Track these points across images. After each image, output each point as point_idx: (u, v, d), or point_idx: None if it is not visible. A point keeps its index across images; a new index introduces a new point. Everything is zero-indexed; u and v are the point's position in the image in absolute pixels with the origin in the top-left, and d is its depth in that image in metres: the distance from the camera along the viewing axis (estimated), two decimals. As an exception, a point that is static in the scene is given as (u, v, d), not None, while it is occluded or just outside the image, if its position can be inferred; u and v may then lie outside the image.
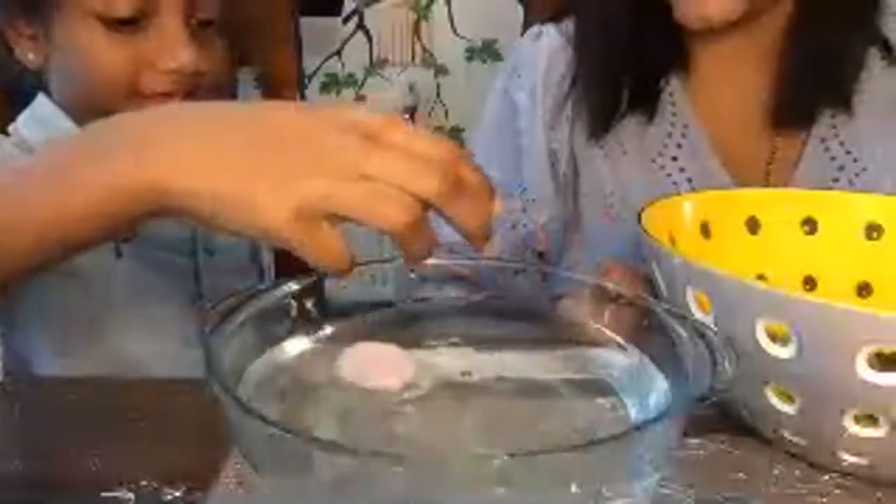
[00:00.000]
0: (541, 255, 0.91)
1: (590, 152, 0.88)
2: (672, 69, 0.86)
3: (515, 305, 0.55)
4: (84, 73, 0.73)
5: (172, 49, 0.72)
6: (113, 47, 0.72)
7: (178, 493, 0.47)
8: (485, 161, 0.88)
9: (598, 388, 0.49)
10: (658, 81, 0.86)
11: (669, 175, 0.85)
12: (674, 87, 0.87)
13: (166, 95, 0.74)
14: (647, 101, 0.86)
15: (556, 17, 0.93)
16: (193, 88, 0.75)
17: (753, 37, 0.83)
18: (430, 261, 0.55)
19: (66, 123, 0.76)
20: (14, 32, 0.75)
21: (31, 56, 0.75)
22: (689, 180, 0.85)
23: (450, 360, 0.51)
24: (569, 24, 0.91)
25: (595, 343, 0.52)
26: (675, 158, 0.85)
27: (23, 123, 0.78)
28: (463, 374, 0.50)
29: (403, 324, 0.53)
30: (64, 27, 0.72)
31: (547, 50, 0.91)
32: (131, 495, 0.47)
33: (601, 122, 0.86)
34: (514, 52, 0.96)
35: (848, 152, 0.83)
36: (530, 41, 0.93)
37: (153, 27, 0.72)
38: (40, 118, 0.77)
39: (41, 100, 0.78)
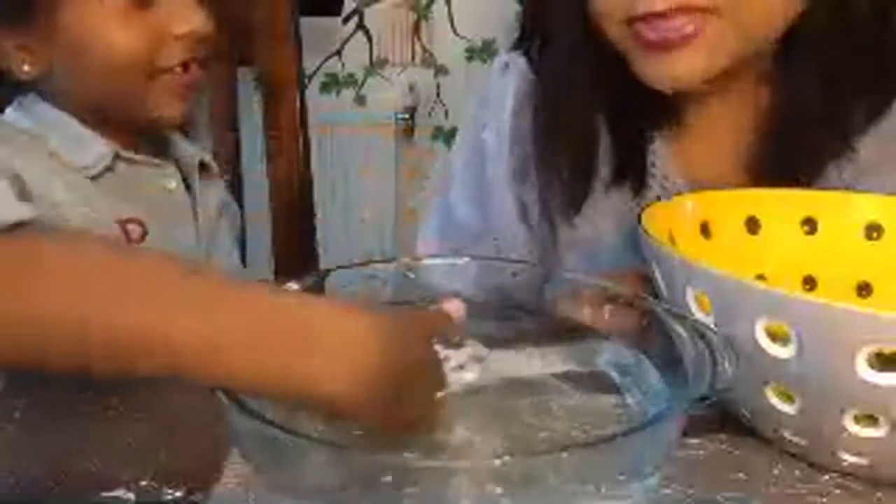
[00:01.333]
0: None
1: (566, 211, 0.79)
2: (658, 130, 0.77)
3: (515, 304, 0.55)
4: (101, 60, 0.73)
5: (184, 15, 0.74)
6: (127, 25, 0.72)
7: (178, 493, 0.47)
8: (457, 195, 0.84)
9: (598, 386, 0.49)
10: (644, 146, 0.77)
11: None
12: (659, 152, 0.78)
13: (184, 68, 0.75)
14: (632, 172, 0.77)
15: (523, 43, 0.83)
16: (205, 57, 0.77)
17: (741, 94, 0.74)
18: (431, 260, 0.55)
19: (74, 124, 0.76)
20: (2, 49, 0.73)
21: (26, 68, 0.74)
22: None
23: (449, 358, 0.51)
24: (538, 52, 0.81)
25: (595, 342, 0.52)
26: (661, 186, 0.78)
27: (12, 114, 0.77)
28: (463, 372, 0.50)
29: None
30: (72, 19, 0.72)
31: (514, 88, 0.82)
32: (131, 495, 0.47)
33: (574, 200, 0.77)
34: (486, 88, 0.86)
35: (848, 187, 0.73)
36: (498, 73, 0.84)
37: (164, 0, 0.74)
38: (36, 115, 0.76)
39: (32, 100, 0.77)
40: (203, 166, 0.86)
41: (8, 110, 0.77)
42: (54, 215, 0.71)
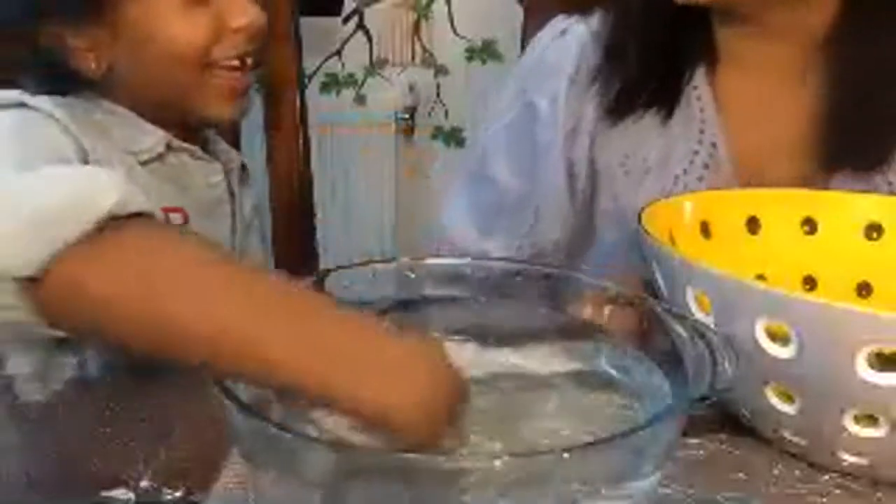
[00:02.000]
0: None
1: (610, 166, 0.82)
2: (697, 66, 0.80)
3: (516, 303, 0.55)
4: (162, 52, 0.75)
5: (241, 6, 0.77)
6: (188, 18, 0.75)
7: (178, 493, 0.47)
8: (498, 163, 0.86)
9: (599, 386, 0.49)
10: (682, 77, 0.80)
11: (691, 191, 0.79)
12: (704, 102, 0.80)
13: (239, 62, 0.78)
14: (668, 96, 0.79)
15: (584, 11, 0.86)
16: (258, 52, 0.79)
17: (788, 45, 0.76)
18: (431, 260, 0.55)
19: (130, 114, 0.77)
20: (64, 47, 0.75)
21: (93, 66, 0.76)
22: None
23: (451, 357, 0.51)
24: (596, 20, 0.84)
25: (596, 342, 0.52)
26: (700, 179, 0.80)
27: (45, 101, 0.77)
28: (464, 368, 0.50)
29: (404, 322, 0.53)
30: (137, 14, 0.75)
31: (575, 50, 0.84)
32: (131, 495, 0.47)
33: (623, 102, 0.80)
34: (533, 49, 0.89)
35: (881, 172, 0.74)
36: (553, 39, 0.86)
37: None
38: (99, 105, 0.78)
39: (91, 95, 0.78)
40: (243, 168, 0.89)
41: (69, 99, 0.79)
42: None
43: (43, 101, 0.68)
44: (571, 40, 0.85)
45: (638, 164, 0.81)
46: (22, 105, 0.66)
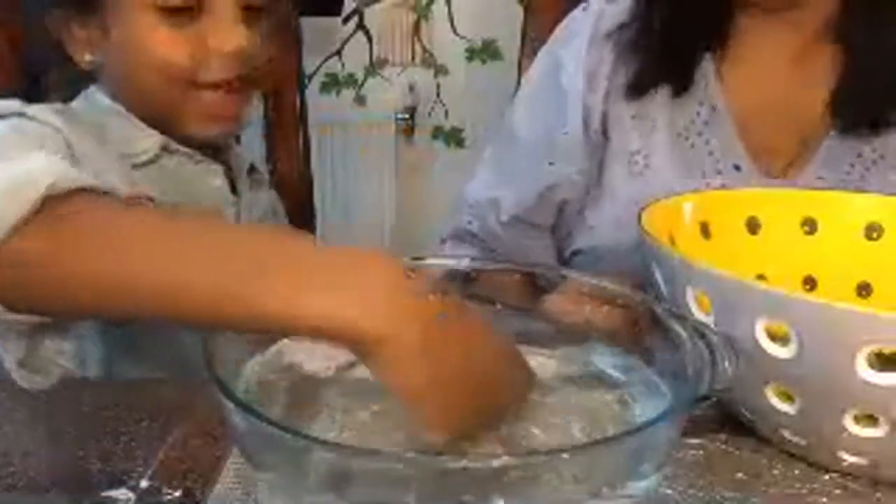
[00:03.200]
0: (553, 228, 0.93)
1: (622, 116, 0.88)
2: (708, 45, 0.86)
3: (516, 304, 0.55)
4: (142, 67, 0.74)
5: (228, 33, 0.74)
6: (170, 37, 0.73)
7: (177, 493, 0.47)
8: (520, 117, 0.94)
9: (599, 387, 0.49)
10: (693, 56, 0.86)
11: (694, 146, 0.86)
12: (706, 66, 0.86)
13: (225, 84, 0.75)
14: (680, 74, 0.86)
15: None
16: (248, 77, 0.77)
17: (796, 25, 0.82)
18: (431, 260, 0.55)
19: (126, 115, 0.77)
20: (68, 34, 0.76)
21: (87, 57, 0.76)
22: (711, 153, 0.85)
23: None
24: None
25: (596, 342, 0.52)
26: (700, 134, 0.86)
27: (78, 104, 0.78)
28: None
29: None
30: (121, 21, 0.74)
31: (596, 12, 0.92)
32: (131, 495, 0.47)
33: (639, 83, 0.87)
34: (564, 23, 0.96)
35: (867, 142, 0.81)
36: (579, 12, 0.95)
37: (207, 14, 0.73)
38: (98, 106, 0.78)
39: (94, 91, 0.79)
40: (252, 170, 0.88)
41: (74, 101, 0.79)
42: None
43: (41, 111, 0.68)
44: (593, 8, 0.92)
45: (646, 120, 0.87)
46: (21, 115, 0.66)
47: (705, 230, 0.63)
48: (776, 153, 0.84)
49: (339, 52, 2.15)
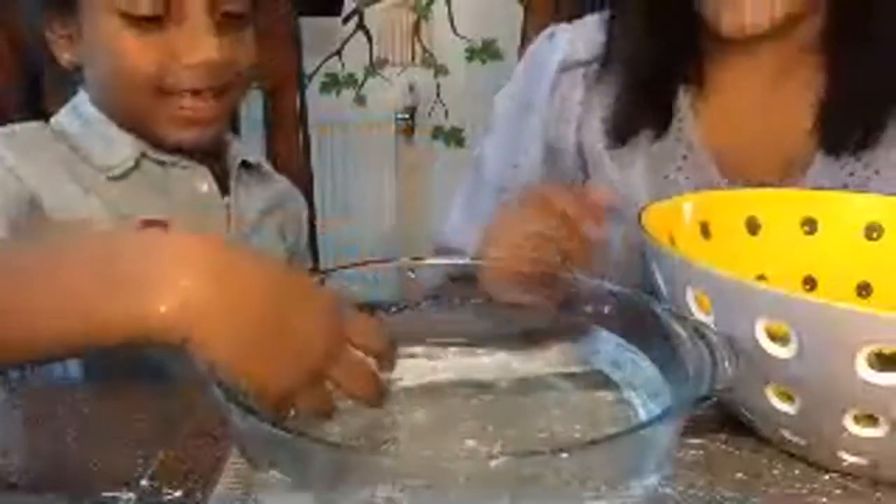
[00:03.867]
0: None
1: (599, 153, 0.85)
2: (684, 78, 0.82)
3: (515, 304, 0.55)
4: (112, 72, 0.73)
5: (197, 43, 0.71)
6: (139, 44, 0.71)
7: (178, 493, 0.47)
8: (495, 160, 0.90)
9: (598, 386, 0.49)
10: (671, 96, 0.83)
11: (673, 181, 0.82)
12: (681, 100, 0.83)
13: (194, 92, 0.73)
14: (659, 117, 0.82)
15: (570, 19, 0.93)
16: (224, 84, 0.74)
17: (774, 51, 0.78)
18: (431, 260, 0.55)
19: (104, 123, 0.76)
20: (51, 32, 0.76)
21: (66, 56, 0.76)
22: (691, 188, 0.80)
23: (451, 358, 0.51)
24: (584, 24, 0.89)
25: (596, 342, 0.52)
26: (679, 169, 0.82)
27: (63, 118, 0.78)
28: (463, 370, 0.50)
29: (404, 323, 0.53)
30: (92, 26, 0.73)
31: (562, 45, 0.89)
32: (131, 495, 0.47)
33: (619, 131, 0.83)
34: (527, 56, 0.94)
35: (858, 159, 0.78)
36: (544, 41, 0.91)
37: (178, 22, 0.71)
38: (81, 115, 0.78)
39: (83, 97, 0.78)
40: (248, 166, 0.85)
41: (62, 113, 0.79)
42: (71, 219, 0.71)
43: None
44: (559, 39, 0.89)
45: (624, 158, 0.84)
46: None
47: (705, 230, 0.63)
48: (761, 182, 0.78)
49: (339, 52, 2.15)
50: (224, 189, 0.82)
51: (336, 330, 0.44)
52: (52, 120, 0.79)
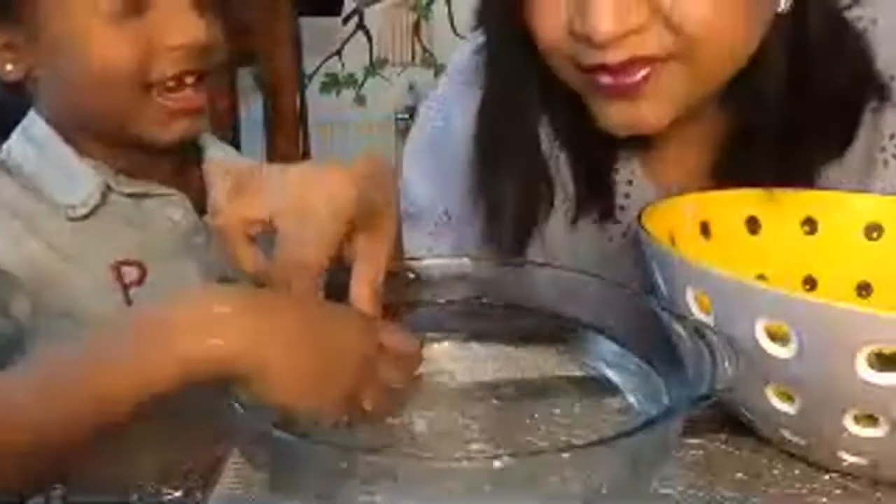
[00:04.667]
0: None
1: None
2: (626, 157, 0.72)
3: (514, 304, 0.55)
4: (86, 71, 0.67)
5: (180, 23, 0.67)
6: (115, 34, 0.66)
7: (178, 493, 0.47)
8: (413, 180, 0.81)
9: (598, 387, 0.49)
10: (609, 175, 0.72)
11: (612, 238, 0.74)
12: (627, 178, 0.73)
13: (178, 81, 0.68)
14: (598, 202, 0.72)
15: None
16: (204, 69, 0.70)
17: (713, 121, 0.69)
18: (431, 261, 0.55)
19: (62, 148, 0.70)
20: None
21: (9, 67, 0.68)
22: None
23: (451, 359, 0.51)
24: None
25: (595, 343, 0.52)
26: (623, 208, 0.73)
27: (15, 146, 0.72)
28: (464, 372, 0.50)
29: (404, 323, 0.53)
30: (56, 24, 0.66)
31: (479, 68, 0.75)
32: (131, 495, 0.47)
33: (519, 235, 0.71)
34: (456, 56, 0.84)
35: None
36: (470, 52, 0.79)
37: (153, 7, 0.67)
38: (34, 140, 0.71)
39: (32, 118, 0.72)
40: None
41: (13, 139, 0.72)
42: (45, 272, 0.68)
43: None
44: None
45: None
46: None
47: (705, 230, 0.63)
48: None
49: (339, 52, 2.15)
50: (203, 207, 0.75)
51: (370, 348, 0.45)
52: (2, 151, 0.72)
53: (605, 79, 0.60)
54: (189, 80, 0.69)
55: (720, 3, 0.57)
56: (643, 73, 0.59)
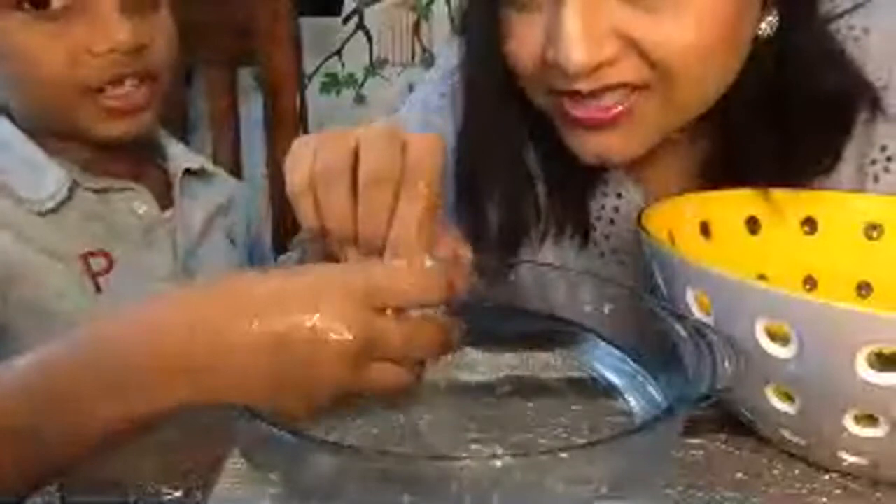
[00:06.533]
0: None
1: None
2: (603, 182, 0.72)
3: (515, 306, 0.55)
4: (27, 77, 0.69)
5: (105, 29, 0.67)
6: (49, 40, 0.67)
7: (178, 493, 0.47)
8: None
9: (598, 388, 0.49)
10: (585, 200, 0.72)
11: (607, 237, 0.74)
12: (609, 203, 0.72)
13: (117, 83, 0.69)
14: (575, 226, 0.72)
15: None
16: (147, 69, 0.70)
17: (701, 133, 0.67)
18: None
19: (28, 146, 0.72)
20: None
21: None
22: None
23: (450, 360, 0.51)
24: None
25: (595, 344, 0.52)
26: (612, 222, 0.73)
27: None
28: (464, 373, 0.50)
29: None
30: None
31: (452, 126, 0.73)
32: (132, 495, 0.47)
33: (510, 244, 0.71)
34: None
35: None
36: (437, 94, 0.78)
37: (84, 10, 0.67)
38: (1, 142, 0.73)
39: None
40: (192, 173, 0.82)
41: None
42: (15, 264, 0.69)
43: None
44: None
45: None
46: None
47: (705, 230, 0.63)
48: None
49: (339, 52, 2.15)
50: (167, 202, 0.79)
51: (347, 376, 0.42)
52: None
53: (578, 111, 0.59)
54: (129, 81, 0.70)
55: (696, 32, 0.55)
56: (617, 109, 0.58)
